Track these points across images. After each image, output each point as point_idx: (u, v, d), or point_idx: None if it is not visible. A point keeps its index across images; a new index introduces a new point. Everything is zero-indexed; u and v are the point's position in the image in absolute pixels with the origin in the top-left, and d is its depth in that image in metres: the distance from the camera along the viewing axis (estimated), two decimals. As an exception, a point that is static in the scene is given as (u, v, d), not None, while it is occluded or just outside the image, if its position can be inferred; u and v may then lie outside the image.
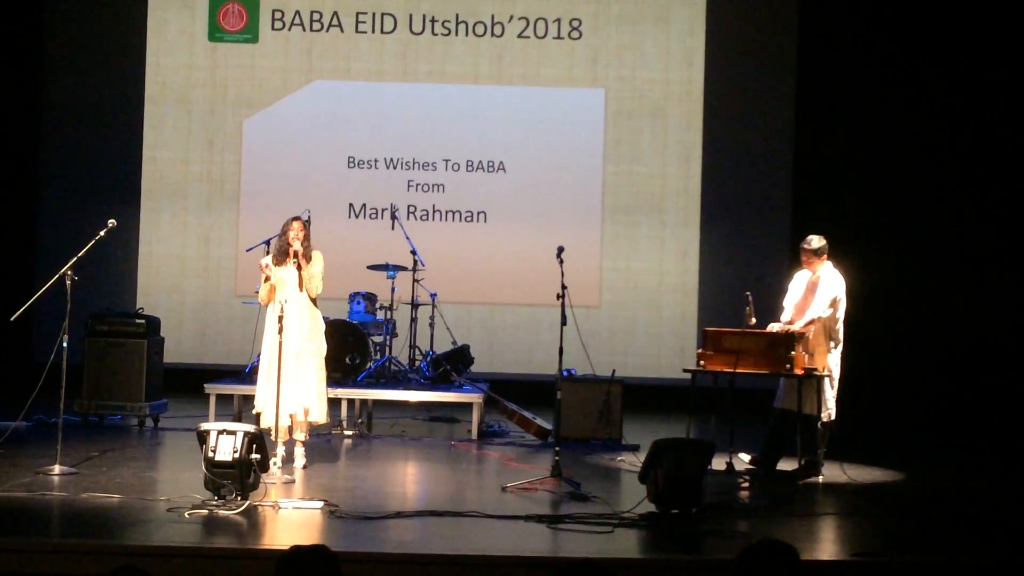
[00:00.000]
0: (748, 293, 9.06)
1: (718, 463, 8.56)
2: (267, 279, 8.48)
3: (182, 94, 13.83)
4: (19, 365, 12.69)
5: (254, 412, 8.60)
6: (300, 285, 8.51)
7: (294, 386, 8.40)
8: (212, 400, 10.54)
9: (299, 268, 8.50)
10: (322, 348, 8.65)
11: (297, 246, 8.50)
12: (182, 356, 13.17)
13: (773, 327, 8.99)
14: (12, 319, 8.47)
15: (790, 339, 8.80)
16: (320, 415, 8.64)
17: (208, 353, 13.58)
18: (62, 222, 13.56)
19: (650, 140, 13.75)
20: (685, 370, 9.28)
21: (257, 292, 8.76)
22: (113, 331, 10.65)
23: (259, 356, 8.64)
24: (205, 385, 10.65)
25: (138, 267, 13.71)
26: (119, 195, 13.64)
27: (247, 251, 11.80)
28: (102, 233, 8.56)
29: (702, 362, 9.03)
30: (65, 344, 8.22)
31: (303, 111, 13.82)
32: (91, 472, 8.15)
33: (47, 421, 10.08)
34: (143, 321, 10.73)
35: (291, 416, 8.49)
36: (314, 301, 8.62)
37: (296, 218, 8.66)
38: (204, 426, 7.36)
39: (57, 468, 7.99)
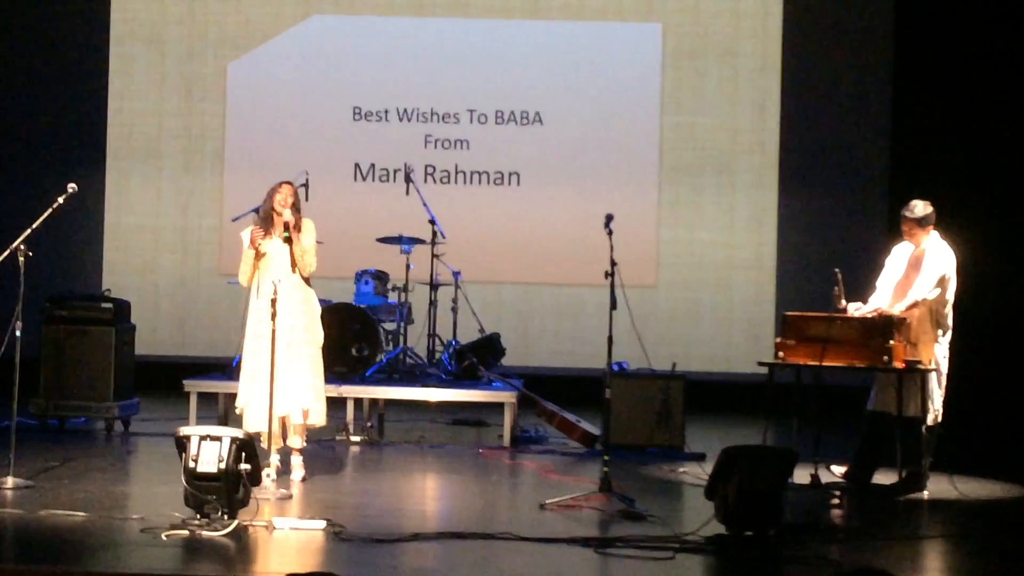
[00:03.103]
0: (837, 270, 9.02)
1: (801, 475, 8.54)
2: (258, 254, 8.49)
3: (154, 32, 13.87)
4: (-37, 359, 12.79)
5: (236, 411, 8.64)
6: (292, 263, 8.51)
7: (286, 384, 8.42)
8: (193, 399, 10.60)
9: (289, 242, 8.50)
10: (318, 336, 8.67)
11: (287, 215, 8.50)
12: (157, 347, 13.25)
13: (853, 308, 8.94)
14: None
15: (888, 326, 8.76)
16: (319, 417, 8.67)
17: (188, 343, 13.66)
18: (12, 188, 13.64)
19: (717, 85, 13.70)
20: (760, 363, 9.25)
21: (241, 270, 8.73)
22: (75, 317, 10.71)
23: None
24: (184, 381, 10.72)
25: (103, 241, 13.80)
26: (80, 155, 13.72)
27: (233, 221, 11.83)
28: (60, 201, 8.58)
29: (781, 353, 9.00)
30: (18, 333, 8.27)
31: (299, 52, 13.84)
32: (51, 486, 8.20)
33: (-3, 425, 10.18)
34: (110, 305, 10.79)
35: (283, 419, 8.52)
36: (307, 280, 8.64)
37: (285, 182, 8.67)
38: (184, 430, 7.39)
39: (10, 481, 8.04)
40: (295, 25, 13.85)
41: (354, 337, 11.01)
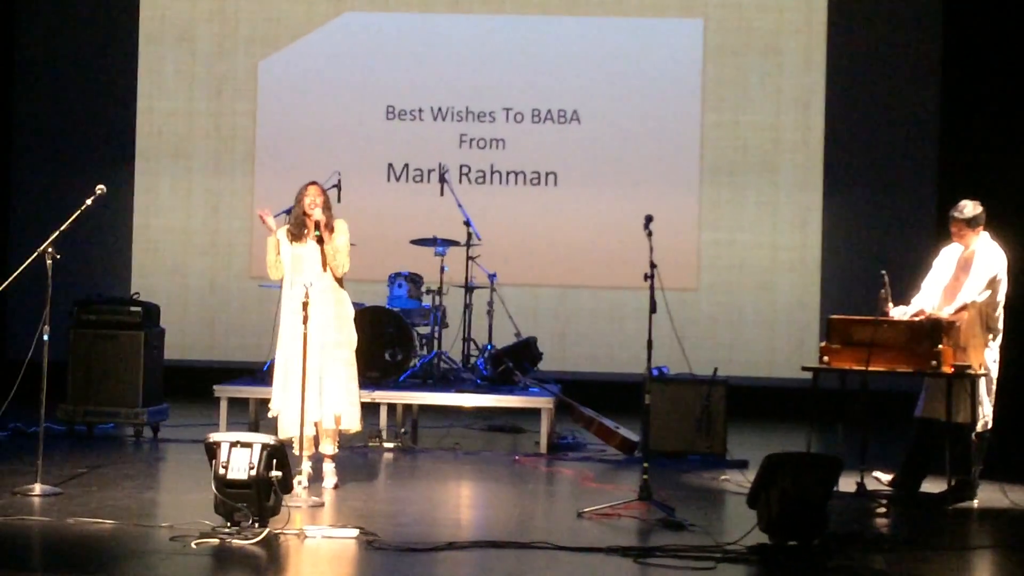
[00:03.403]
0: (884, 272, 8.97)
1: (846, 483, 8.51)
2: (278, 250, 8.54)
3: (184, 31, 13.95)
4: (-10, 363, 12.89)
5: (270, 415, 8.67)
6: (324, 263, 8.54)
7: (318, 388, 8.44)
8: (223, 405, 10.63)
9: (320, 242, 8.53)
10: (352, 339, 8.69)
11: (318, 214, 8.53)
12: (186, 351, 13.32)
13: (899, 313, 8.91)
14: (-18, 307, 8.61)
15: (937, 330, 8.71)
16: (353, 422, 8.68)
17: (218, 347, 13.72)
18: (40, 190, 13.74)
19: (760, 82, 13.65)
20: (805, 368, 9.22)
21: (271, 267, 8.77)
22: (103, 321, 10.78)
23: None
24: (214, 387, 10.75)
25: (132, 244, 13.87)
26: (109, 156, 13.80)
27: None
28: (89, 202, 8.63)
29: (826, 358, 8.97)
30: (46, 337, 8.32)
31: (331, 50, 13.88)
32: (78, 493, 8.25)
33: (25, 431, 10.23)
34: (139, 309, 10.85)
35: (316, 425, 8.54)
36: (340, 282, 8.66)
37: (311, 183, 8.69)
38: (214, 437, 7.43)
39: (38, 488, 8.11)
40: (327, 22, 13.89)
41: (387, 341, 11.03)
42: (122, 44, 13.91)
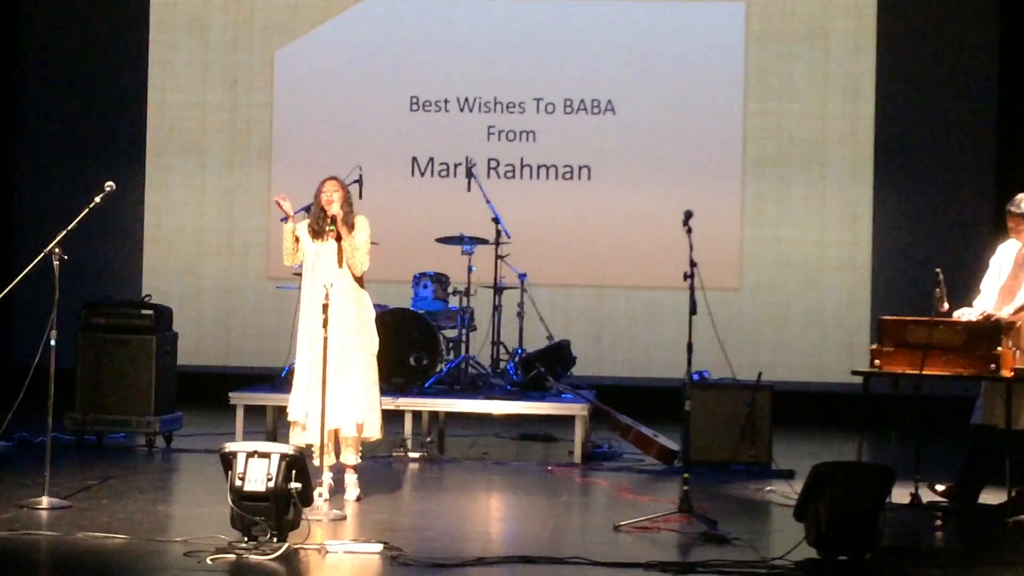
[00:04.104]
0: (938, 270, 8.94)
1: (900, 494, 8.48)
2: (296, 239, 8.58)
3: (196, 18, 14.00)
4: (-5, 369, 12.95)
5: (289, 420, 8.68)
6: (339, 259, 8.56)
7: (337, 394, 8.46)
8: (239, 413, 10.68)
9: (338, 238, 8.55)
10: (372, 342, 8.70)
11: (335, 209, 8.56)
12: (200, 357, 13.37)
13: (963, 313, 8.87)
14: (-14, 310, 8.65)
15: (995, 331, 8.68)
16: (374, 430, 8.70)
17: (233, 352, 13.77)
18: (46, 187, 13.81)
19: (806, 69, 13.62)
20: (855, 372, 9.20)
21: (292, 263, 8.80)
22: (113, 325, 10.83)
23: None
24: (230, 394, 10.80)
25: (143, 243, 13.93)
26: (118, 151, 13.87)
27: (281, 221, 11.90)
28: (97, 200, 8.67)
29: (877, 361, 8.94)
30: (53, 342, 8.36)
31: (351, 38, 13.92)
32: (88, 506, 8.29)
33: (31, 441, 10.29)
34: (151, 312, 10.90)
35: (335, 432, 8.56)
36: (359, 281, 8.68)
37: (329, 178, 8.72)
38: (230, 447, 7.45)
39: (45, 501, 8.14)
40: (347, 8, 13.92)
41: (412, 345, 11.04)
42: (131, 33, 13.96)
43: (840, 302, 13.50)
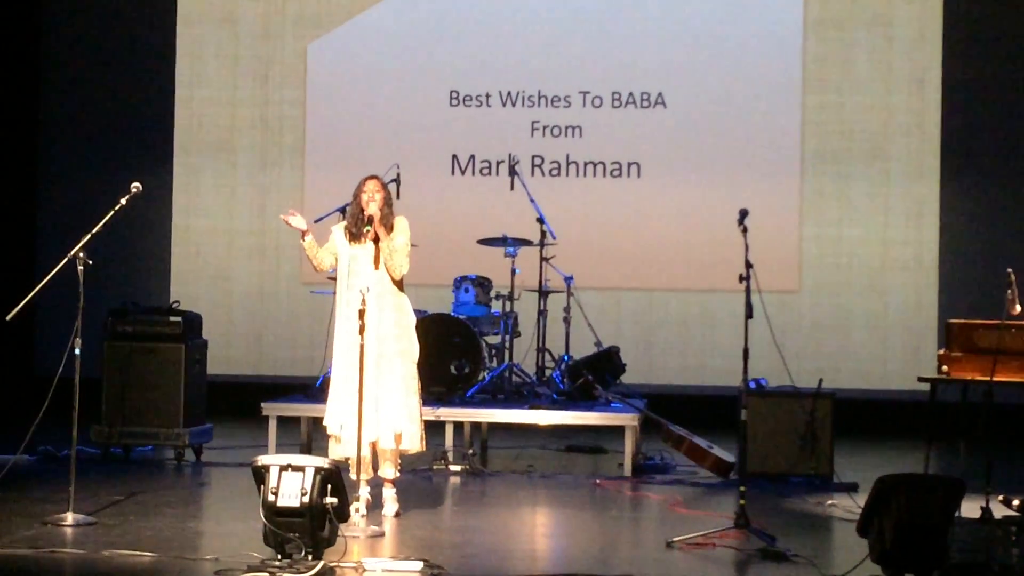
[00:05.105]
0: (1010, 271, 8.90)
1: (970, 508, 8.43)
2: (308, 243, 8.65)
3: (226, 11, 14.06)
4: (18, 380, 13.03)
5: (328, 433, 8.69)
6: (376, 262, 8.57)
7: (374, 404, 8.46)
8: (272, 424, 10.72)
9: (375, 240, 8.56)
10: (412, 350, 8.69)
11: (373, 209, 8.57)
12: (231, 366, 13.43)
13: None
14: (8, 318, 8.68)
15: (1070, 334, 8.64)
16: (414, 442, 8.69)
17: (266, 361, 13.82)
18: (70, 188, 13.90)
19: (868, 59, 13.58)
20: (921, 379, 9.17)
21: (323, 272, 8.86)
22: (140, 333, 10.88)
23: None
24: (262, 404, 10.83)
25: (171, 247, 14.01)
26: (144, 150, 13.95)
27: (315, 222, 11.97)
28: (123, 202, 8.71)
29: (945, 367, 8.91)
30: (77, 351, 8.40)
31: (388, 30, 13.95)
32: (115, 522, 8.33)
33: (55, 454, 10.35)
34: (179, 319, 10.94)
35: (373, 445, 8.57)
36: (399, 285, 8.69)
37: (371, 176, 8.74)
38: (262, 460, 7.47)
39: (70, 517, 8.18)
40: (383, -1, 13.98)
41: (453, 353, 11.05)
42: (158, 26, 14.04)
43: (905, 305, 13.45)
